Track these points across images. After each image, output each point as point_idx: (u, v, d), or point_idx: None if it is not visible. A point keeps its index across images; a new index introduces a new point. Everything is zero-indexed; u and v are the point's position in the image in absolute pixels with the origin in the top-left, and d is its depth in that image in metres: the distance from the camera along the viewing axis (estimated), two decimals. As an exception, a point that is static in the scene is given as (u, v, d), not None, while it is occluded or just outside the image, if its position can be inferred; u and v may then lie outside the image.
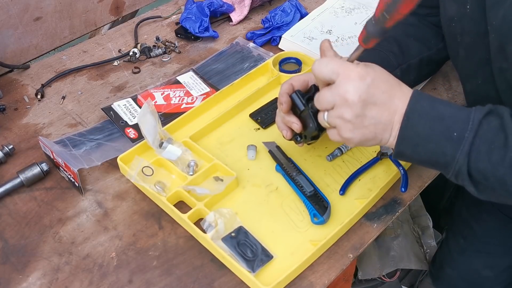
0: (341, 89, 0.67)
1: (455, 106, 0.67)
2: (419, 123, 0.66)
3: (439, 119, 0.66)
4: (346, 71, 0.67)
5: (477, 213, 1.13)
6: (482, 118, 0.64)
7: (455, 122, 0.65)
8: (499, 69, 0.75)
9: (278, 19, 1.22)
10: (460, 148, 0.64)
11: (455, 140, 0.65)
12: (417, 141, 0.67)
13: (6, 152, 0.94)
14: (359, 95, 0.66)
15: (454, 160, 0.65)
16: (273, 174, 0.89)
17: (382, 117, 0.68)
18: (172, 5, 1.35)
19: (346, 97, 0.66)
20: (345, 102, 0.67)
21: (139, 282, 0.77)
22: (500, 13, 0.69)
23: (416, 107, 0.67)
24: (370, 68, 0.68)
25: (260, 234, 0.79)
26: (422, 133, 0.66)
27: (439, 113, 0.66)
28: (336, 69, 0.67)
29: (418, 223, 1.46)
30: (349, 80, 0.66)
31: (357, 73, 0.66)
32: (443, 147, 0.66)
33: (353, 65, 0.67)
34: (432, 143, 0.66)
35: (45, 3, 1.14)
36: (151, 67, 1.16)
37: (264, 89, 1.03)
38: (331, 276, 0.76)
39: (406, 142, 0.68)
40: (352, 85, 0.66)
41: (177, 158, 0.89)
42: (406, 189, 0.84)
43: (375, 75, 0.67)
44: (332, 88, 0.68)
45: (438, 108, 0.66)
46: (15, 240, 0.83)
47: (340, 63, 0.68)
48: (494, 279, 1.19)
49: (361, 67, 0.67)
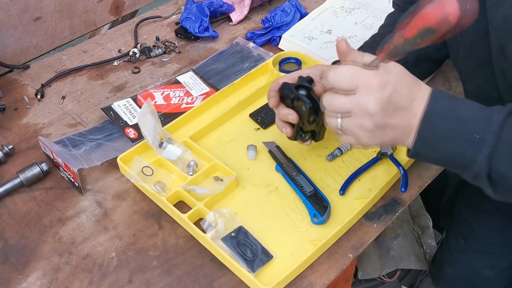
0: (361, 99, 0.64)
1: (476, 106, 0.65)
2: (439, 124, 0.64)
3: (459, 120, 0.64)
4: (366, 82, 0.63)
5: (477, 213, 1.13)
6: (504, 119, 0.62)
7: (476, 123, 0.63)
8: (500, 69, 0.75)
9: (278, 19, 1.22)
10: (481, 151, 0.62)
11: (476, 142, 0.62)
12: (436, 142, 0.65)
13: (6, 152, 0.94)
14: (381, 105, 0.63)
15: (474, 163, 0.63)
16: (273, 174, 0.89)
17: (403, 122, 0.66)
18: (172, 5, 1.35)
19: (367, 108, 0.63)
20: (366, 113, 0.64)
21: (139, 282, 0.77)
22: (500, 14, 0.69)
23: (436, 108, 0.64)
24: (391, 73, 0.65)
25: (260, 234, 0.79)
26: (442, 134, 0.64)
27: (459, 114, 0.64)
28: (355, 81, 0.64)
29: (418, 223, 1.46)
30: (370, 91, 0.63)
31: (377, 83, 0.63)
32: (463, 149, 0.63)
33: (372, 74, 0.64)
34: (451, 144, 0.64)
35: (45, 3, 1.14)
36: (151, 67, 1.16)
37: (264, 89, 1.03)
38: (331, 276, 0.76)
39: (424, 143, 0.66)
40: (373, 96, 0.63)
41: (177, 158, 0.89)
42: (406, 189, 0.84)
43: (396, 81, 0.64)
44: (350, 97, 0.65)
45: (458, 108, 0.64)
46: (15, 240, 0.83)
47: (359, 73, 0.64)
48: (494, 279, 1.19)
49: (381, 74, 0.64)
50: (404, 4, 0.99)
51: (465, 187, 1.19)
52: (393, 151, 0.89)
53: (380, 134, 0.66)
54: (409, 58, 0.92)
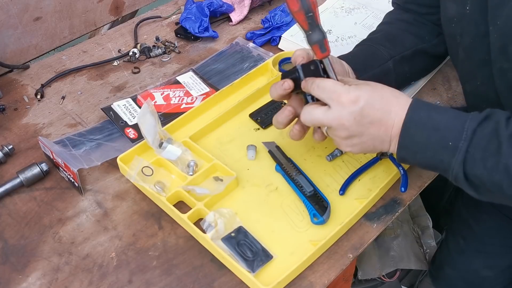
0: (335, 113, 0.71)
1: (452, 115, 0.69)
2: (416, 133, 0.70)
3: (434, 129, 0.69)
4: (339, 96, 0.71)
5: (476, 213, 1.13)
6: (476, 126, 0.67)
7: (450, 131, 0.68)
8: (500, 69, 0.75)
9: (278, 19, 1.22)
10: (455, 157, 0.67)
11: (450, 149, 0.67)
12: (416, 149, 0.71)
13: (6, 152, 0.94)
14: (354, 118, 0.70)
15: (450, 168, 0.68)
16: (273, 174, 0.89)
17: (379, 132, 0.72)
18: (172, 5, 1.35)
19: (341, 121, 0.71)
20: (341, 125, 0.71)
21: (139, 282, 0.77)
22: (504, 13, 0.69)
23: (414, 117, 0.70)
24: (363, 89, 0.71)
25: (260, 234, 0.79)
26: (420, 142, 0.70)
27: (435, 123, 0.69)
28: (331, 94, 0.71)
29: (418, 223, 1.46)
30: (342, 105, 0.70)
31: (348, 98, 0.70)
32: (440, 155, 0.69)
33: (344, 90, 0.71)
34: (429, 151, 0.69)
35: (45, 3, 1.14)
36: (151, 67, 1.16)
37: (264, 89, 1.03)
38: (331, 276, 0.76)
39: (405, 150, 0.72)
40: (346, 111, 0.70)
41: (177, 158, 0.89)
42: (406, 189, 0.84)
43: (368, 96, 0.70)
44: (327, 112, 0.72)
45: (434, 117, 0.69)
46: (14, 240, 0.83)
47: (333, 89, 0.71)
48: (493, 279, 1.19)
49: (353, 90, 0.70)
50: (404, 4, 0.99)
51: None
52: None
53: (359, 143, 0.73)
54: (406, 52, 0.93)
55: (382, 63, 0.91)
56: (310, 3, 0.70)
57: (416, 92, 1.04)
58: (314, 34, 0.73)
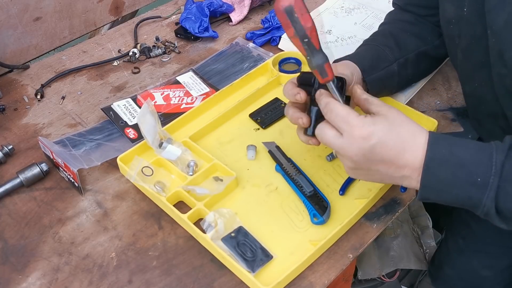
0: (345, 145, 0.67)
1: (474, 147, 0.66)
2: (440, 171, 0.65)
3: (460, 166, 0.64)
4: (352, 130, 0.66)
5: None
6: (504, 159, 0.63)
7: (477, 167, 0.64)
8: (498, 74, 0.75)
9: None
10: (486, 194, 0.63)
11: (480, 185, 0.63)
12: (441, 187, 0.66)
13: (5, 152, 0.94)
14: (363, 154, 0.66)
15: (481, 204, 0.64)
16: (272, 174, 0.89)
17: (388, 171, 0.68)
18: (172, 5, 1.35)
19: (349, 155, 0.67)
20: (349, 157, 0.68)
21: (139, 282, 0.77)
22: (500, 18, 0.69)
23: (435, 156, 0.65)
24: (379, 124, 0.66)
25: (260, 234, 0.79)
26: (445, 180, 0.65)
27: (459, 159, 0.65)
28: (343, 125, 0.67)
29: (418, 223, 1.46)
30: (353, 140, 0.66)
31: (360, 134, 0.66)
32: (469, 193, 0.65)
33: (359, 123, 0.66)
34: (456, 189, 0.65)
35: (45, 3, 1.14)
36: (151, 67, 1.16)
37: (264, 89, 1.03)
38: (330, 276, 0.76)
39: (429, 190, 0.67)
40: (355, 146, 0.66)
41: (176, 158, 0.89)
42: (406, 189, 0.84)
43: (383, 134, 0.66)
44: (337, 140, 0.68)
45: (457, 153, 0.65)
46: (14, 240, 0.83)
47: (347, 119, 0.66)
48: (493, 279, 1.19)
49: (367, 124, 0.66)
50: (404, 5, 0.99)
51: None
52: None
53: (365, 174, 0.70)
54: (410, 55, 0.92)
55: (387, 65, 0.90)
56: (306, 28, 0.65)
57: (416, 92, 1.04)
58: (313, 59, 0.69)
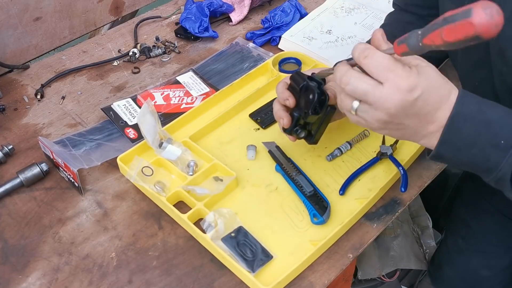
0: (387, 94, 0.61)
1: (504, 110, 0.64)
2: (465, 127, 0.63)
3: (485, 124, 0.62)
4: (396, 80, 0.61)
5: (475, 213, 1.13)
6: None
7: (503, 128, 0.62)
8: (499, 73, 0.75)
9: (278, 19, 1.22)
10: (506, 157, 0.62)
11: (502, 148, 0.62)
12: (460, 144, 0.64)
13: (6, 152, 0.94)
14: (403, 107, 0.62)
15: (497, 168, 0.63)
16: (272, 174, 0.89)
17: (418, 125, 0.65)
18: (172, 5, 1.35)
19: (388, 106, 0.62)
20: (386, 109, 0.62)
21: (139, 282, 0.77)
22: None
23: (463, 110, 0.63)
24: (423, 77, 0.62)
25: (260, 234, 0.79)
26: (467, 138, 0.63)
27: (486, 118, 0.63)
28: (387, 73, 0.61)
29: (418, 223, 1.46)
30: (397, 90, 0.61)
31: (407, 85, 0.61)
32: (488, 154, 0.63)
33: (405, 73, 0.61)
34: (476, 149, 0.63)
35: (45, 3, 1.14)
36: (151, 67, 1.16)
37: (264, 89, 1.03)
38: (330, 276, 0.76)
39: (447, 146, 0.65)
40: (399, 96, 0.61)
41: (176, 158, 0.89)
42: (406, 189, 0.85)
43: (426, 87, 0.62)
44: (376, 88, 0.62)
45: (485, 112, 0.63)
46: (14, 240, 0.82)
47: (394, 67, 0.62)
48: (492, 279, 1.19)
49: (413, 76, 0.62)
50: (404, 5, 0.99)
51: (463, 187, 1.19)
52: (393, 151, 0.89)
53: (392, 129, 0.66)
54: None
55: None
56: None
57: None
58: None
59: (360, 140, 0.94)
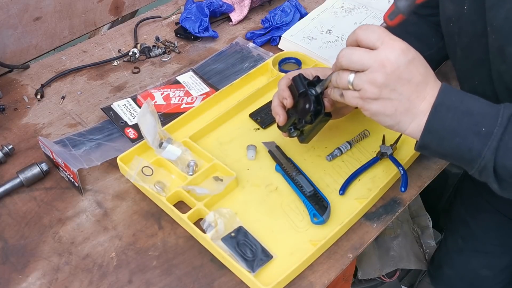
0: (382, 54, 0.66)
1: (484, 102, 0.67)
2: (447, 117, 0.65)
3: (467, 114, 0.65)
4: (391, 41, 0.66)
5: (475, 212, 1.13)
6: (511, 114, 0.64)
7: (484, 117, 0.64)
8: (498, 71, 0.75)
9: (278, 19, 1.22)
10: (487, 144, 0.64)
11: (483, 135, 0.64)
12: (444, 134, 0.66)
13: (6, 152, 0.94)
14: (398, 66, 0.65)
15: (480, 156, 0.64)
16: (272, 174, 0.89)
17: (411, 96, 0.67)
18: (172, 5, 1.35)
19: (384, 64, 0.65)
20: (382, 67, 0.65)
21: (139, 282, 0.77)
22: (501, 14, 0.69)
23: (445, 100, 0.66)
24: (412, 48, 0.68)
25: (260, 234, 0.79)
26: (450, 126, 0.65)
27: (468, 108, 0.65)
28: (383, 37, 0.66)
29: (418, 223, 1.46)
30: (393, 49, 0.66)
31: (400, 46, 0.66)
32: (470, 142, 0.65)
33: (398, 39, 0.67)
34: (458, 138, 0.65)
35: (45, 3, 1.14)
36: (151, 67, 1.16)
37: (264, 89, 1.03)
38: (330, 276, 0.77)
39: (432, 135, 0.67)
40: (394, 55, 0.65)
41: (176, 158, 0.89)
42: (406, 189, 0.84)
43: (416, 55, 0.67)
44: (371, 52, 0.66)
45: (467, 102, 0.66)
46: (14, 240, 0.83)
47: (388, 33, 0.67)
48: (492, 279, 1.19)
49: (405, 43, 0.67)
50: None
51: (463, 187, 1.19)
52: (393, 151, 0.89)
53: (386, 96, 0.67)
54: None
55: None
56: None
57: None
58: None
59: (360, 140, 0.94)
